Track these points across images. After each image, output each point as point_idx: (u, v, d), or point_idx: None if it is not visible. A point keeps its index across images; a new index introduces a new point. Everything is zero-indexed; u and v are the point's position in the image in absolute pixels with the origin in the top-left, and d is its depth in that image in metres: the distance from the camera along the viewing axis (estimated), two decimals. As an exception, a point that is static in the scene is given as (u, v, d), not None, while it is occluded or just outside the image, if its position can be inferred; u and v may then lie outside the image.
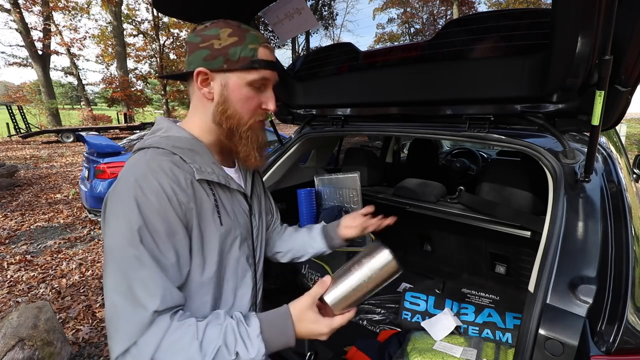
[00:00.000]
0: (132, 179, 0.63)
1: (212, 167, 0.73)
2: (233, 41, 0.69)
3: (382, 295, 1.84)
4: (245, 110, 0.73)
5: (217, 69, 0.70)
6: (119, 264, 0.60)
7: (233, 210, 0.77)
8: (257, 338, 0.62)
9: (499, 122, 1.19)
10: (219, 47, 0.69)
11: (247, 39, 0.69)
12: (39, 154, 10.57)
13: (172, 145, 0.70)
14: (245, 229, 0.80)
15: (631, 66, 0.78)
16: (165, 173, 0.64)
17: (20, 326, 1.80)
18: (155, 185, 0.63)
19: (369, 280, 0.68)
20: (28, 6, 15.84)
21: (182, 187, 0.65)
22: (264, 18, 1.28)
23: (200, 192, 0.69)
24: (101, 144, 4.16)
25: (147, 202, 0.61)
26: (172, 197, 0.63)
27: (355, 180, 1.73)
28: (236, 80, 0.71)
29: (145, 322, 0.57)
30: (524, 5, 20.28)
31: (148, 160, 0.66)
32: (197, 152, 0.72)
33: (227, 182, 0.75)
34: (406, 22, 28.02)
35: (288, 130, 7.47)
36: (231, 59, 0.69)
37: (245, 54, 0.69)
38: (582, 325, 0.66)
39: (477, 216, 1.55)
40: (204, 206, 0.69)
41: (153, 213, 0.61)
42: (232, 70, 0.70)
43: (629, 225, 0.85)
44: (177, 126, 0.76)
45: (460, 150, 3.66)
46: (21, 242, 3.96)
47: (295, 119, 1.83)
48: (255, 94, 0.73)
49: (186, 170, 0.68)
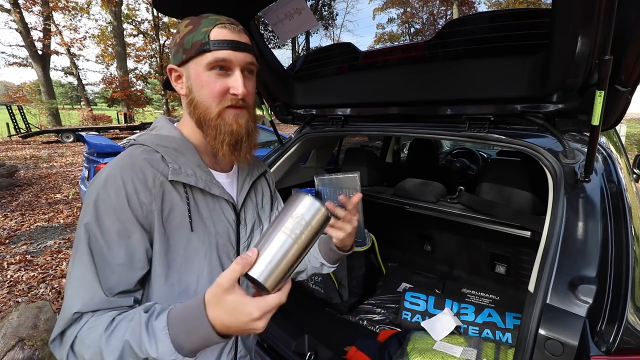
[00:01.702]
0: (104, 173, 0.63)
1: (196, 169, 0.70)
2: (188, 30, 0.68)
3: (382, 295, 1.84)
4: (209, 96, 0.68)
5: (181, 62, 0.69)
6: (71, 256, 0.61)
7: (211, 217, 0.72)
8: (161, 332, 0.52)
9: (499, 122, 1.19)
10: (178, 40, 0.69)
11: (201, 24, 0.67)
12: (39, 154, 10.57)
13: (157, 143, 0.69)
14: (224, 238, 0.74)
15: (631, 66, 0.78)
16: (133, 170, 0.63)
17: (20, 326, 1.80)
18: (118, 182, 0.62)
19: (299, 236, 0.54)
20: (28, 6, 15.83)
21: (146, 187, 0.63)
22: (264, 18, 1.28)
23: (172, 194, 0.66)
24: (101, 144, 4.16)
25: (105, 198, 0.61)
26: (131, 195, 0.62)
27: (355, 180, 1.71)
28: (194, 67, 0.68)
29: (68, 320, 0.58)
30: (524, 5, 20.27)
31: (125, 156, 0.66)
32: (182, 153, 0.70)
33: (208, 187, 0.71)
34: (406, 22, 28.01)
35: (288, 130, 7.47)
36: (186, 48, 0.67)
37: (197, 38, 0.66)
38: (582, 325, 0.66)
39: (477, 216, 1.55)
40: (174, 209, 0.66)
41: (108, 210, 0.60)
42: (189, 59, 0.68)
43: (629, 225, 0.85)
44: (172, 125, 0.75)
45: (460, 150, 3.66)
46: (21, 242, 3.96)
47: (295, 119, 1.83)
48: (216, 78, 0.68)
49: (161, 170, 0.66)
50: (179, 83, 0.72)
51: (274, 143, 5.89)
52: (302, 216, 0.56)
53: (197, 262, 0.70)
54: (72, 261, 0.61)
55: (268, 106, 1.74)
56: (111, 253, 0.61)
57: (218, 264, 0.73)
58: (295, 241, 0.54)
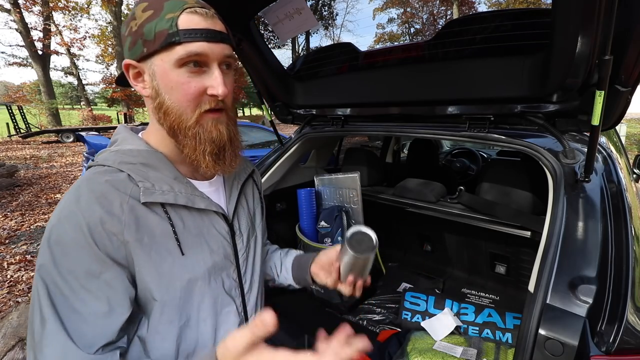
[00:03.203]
0: (60, 207, 0.53)
1: (172, 183, 0.60)
2: (148, 16, 0.54)
3: (382, 295, 1.84)
4: (183, 100, 0.56)
5: (140, 56, 0.56)
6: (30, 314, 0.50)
7: (202, 234, 0.63)
8: None
9: (499, 122, 1.19)
10: (135, 29, 0.55)
11: (164, 9, 0.53)
12: (39, 154, 10.57)
13: (119, 161, 0.58)
14: (222, 255, 0.66)
15: (631, 66, 0.78)
16: (95, 197, 0.52)
17: (20, 326, 1.80)
18: (76, 215, 0.51)
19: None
20: (28, 6, 15.84)
21: (113, 215, 0.53)
22: (264, 18, 1.28)
23: (147, 217, 0.56)
24: (101, 144, 4.17)
25: (61, 235, 0.50)
26: (96, 228, 0.51)
27: (355, 180, 1.73)
28: (160, 64, 0.55)
29: None
30: (524, 5, 20.28)
31: (81, 182, 0.55)
32: (152, 167, 0.59)
33: (191, 202, 0.61)
34: (406, 22, 28.02)
35: (288, 130, 7.47)
36: (147, 39, 0.54)
37: (161, 27, 0.53)
38: (582, 325, 0.66)
39: (477, 216, 1.55)
40: (155, 234, 0.56)
41: (67, 249, 0.50)
42: (152, 53, 0.55)
43: (629, 225, 0.85)
44: (135, 136, 0.63)
45: (460, 150, 3.66)
46: (21, 242, 3.96)
47: (295, 119, 1.83)
48: (190, 77, 0.55)
49: (129, 192, 0.55)
50: (140, 82, 0.59)
51: (274, 143, 5.90)
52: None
53: (196, 290, 0.61)
54: (32, 321, 0.49)
55: (268, 106, 1.74)
56: (79, 301, 0.50)
57: (219, 286, 0.66)
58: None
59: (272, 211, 1.87)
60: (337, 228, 1.66)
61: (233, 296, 0.69)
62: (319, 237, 1.70)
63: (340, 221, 1.68)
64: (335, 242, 1.64)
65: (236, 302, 0.69)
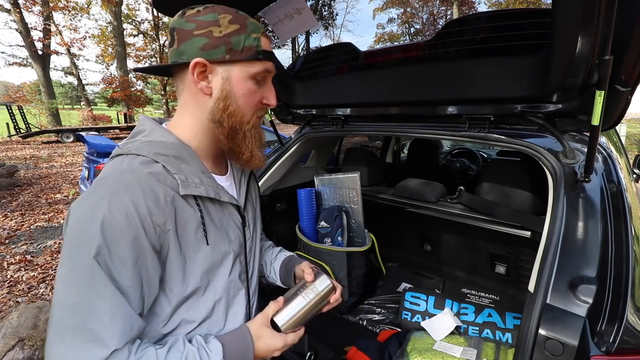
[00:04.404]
0: (102, 193, 0.54)
1: (201, 177, 0.65)
2: (235, 29, 0.62)
3: (382, 295, 1.84)
4: (247, 105, 0.66)
5: (218, 60, 0.62)
6: (73, 295, 0.51)
7: (223, 225, 0.69)
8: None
9: (499, 122, 1.19)
10: (219, 35, 0.61)
11: (248, 27, 0.63)
12: (39, 154, 10.57)
13: (154, 152, 0.61)
14: (237, 244, 0.73)
15: (631, 66, 0.78)
16: (141, 189, 0.56)
17: (20, 326, 1.80)
18: (127, 205, 0.54)
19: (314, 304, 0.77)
20: (28, 6, 15.83)
21: (160, 207, 0.57)
22: (264, 18, 1.28)
23: (184, 209, 0.61)
24: (101, 144, 4.16)
25: (114, 223, 0.52)
26: (146, 219, 0.55)
27: (355, 180, 1.73)
28: (239, 73, 0.64)
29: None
30: (524, 5, 20.27)
31: (123, 171, 0.57)
32: (183, 160, 0.63)
33: (218, 195, 0.67)
34: (406, 22, 28.01)
35: (288, 130, 7.47)
36: (234, 49, 0.62)
37: (250, 44, 0.63)
38: (582, 325, 0.66)
39: (477, 216, 1.55)
40: (187, 224, 0.61)
41: (120, 237, 0.53)
42: (235, 61, 0.63)
43: (629, 225, 0.85)
44: (163, 128, 0.67)
45: (460, 150, 3.65)
46: (21, 242, 3.96)
47: (295, 119, 1.83)
48: (257, 88, 0.67)
49: (168, 184, 0.59)
50: (204, 80, 0.63)
51: (274, 143, 5.88)
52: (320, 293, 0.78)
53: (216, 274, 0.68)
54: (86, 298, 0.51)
55: (268, 106, 1.74)
56: (128, 282, 0.55)
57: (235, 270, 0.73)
58: (307, 303, 0.76)
59: (272, 211, 1.87)
60: (337, 228, 1.66)
61: (242, 280, 0.76)
62: (319, 237, 1.71)
63: (340, 221, 1.68)
64: (335, 242, 1.64)
65: (244, 286, 0.77)
